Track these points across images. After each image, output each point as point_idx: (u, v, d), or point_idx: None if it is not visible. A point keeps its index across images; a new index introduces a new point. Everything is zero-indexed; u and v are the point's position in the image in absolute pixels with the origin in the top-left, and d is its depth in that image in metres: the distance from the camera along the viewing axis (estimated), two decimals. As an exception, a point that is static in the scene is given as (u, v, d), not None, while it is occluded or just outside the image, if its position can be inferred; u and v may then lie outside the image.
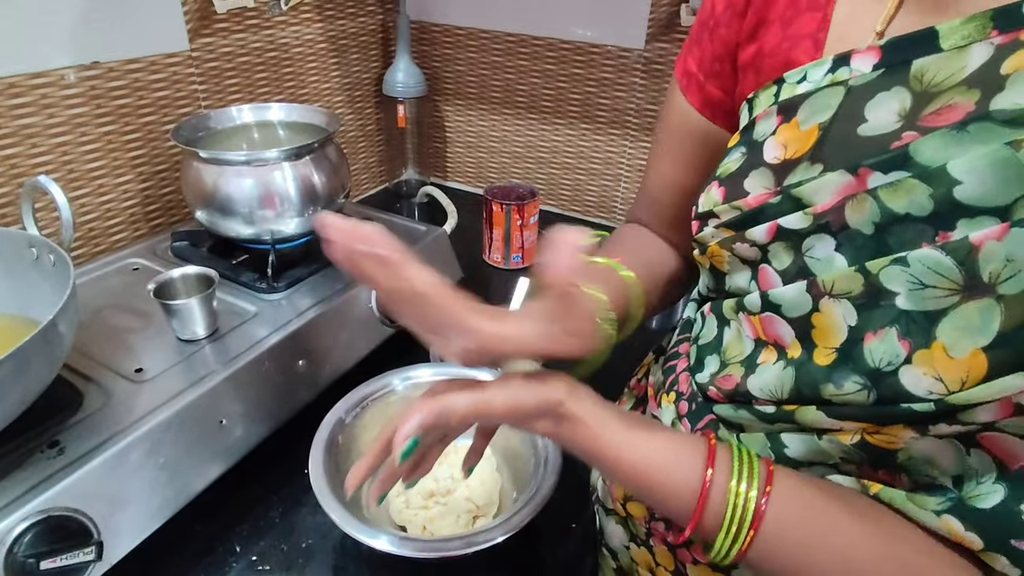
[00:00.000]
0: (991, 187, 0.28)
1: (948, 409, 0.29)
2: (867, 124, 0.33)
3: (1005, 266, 0.27)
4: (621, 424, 0.35)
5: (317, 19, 0.95)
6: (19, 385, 0.42)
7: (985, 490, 0.30)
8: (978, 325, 0.28)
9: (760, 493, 0.33)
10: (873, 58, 0.33)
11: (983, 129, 0.28)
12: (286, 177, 0.66)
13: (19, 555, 0.39)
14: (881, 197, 0.31)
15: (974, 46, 0.30)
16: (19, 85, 0.63)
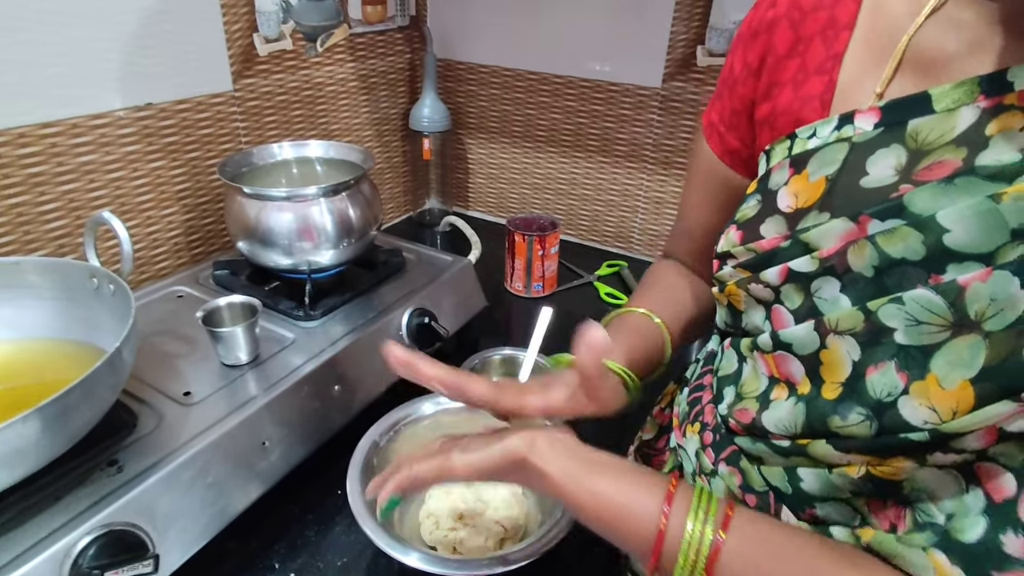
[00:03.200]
0: (976, 235, 0.31)
1: (942, 438, 0.31)
2: (868, 177, 0.36)
3: (989, 305, 0.30)
4: (583, 471, 0.39)
5: (350, 59, 1.00)
6: (87, 408, 0.45)
7: (969, 523, 0.32)
8: (966, 359, 0.31)
9: (715, 530, 0.35)
10: (874, 118, 0.36)
11: (969, 183, 0.31)
12: (323, 212, 0.70)
13: (84, 567, 0.42)
14: (879, 243, 0.34)
15: (963, 108, 0.33)
16: (81, 125, 0.68)
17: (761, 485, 0.42)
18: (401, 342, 0.72)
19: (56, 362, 0.55)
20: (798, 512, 0.40)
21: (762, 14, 0.44)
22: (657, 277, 0.58)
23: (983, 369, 0.30)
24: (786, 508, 0.41)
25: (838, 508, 0.38)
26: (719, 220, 0.51)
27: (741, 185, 0.49)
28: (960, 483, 0.33)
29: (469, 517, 0.55)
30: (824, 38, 0.41)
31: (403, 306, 0.73)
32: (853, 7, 0.40)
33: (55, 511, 0.44)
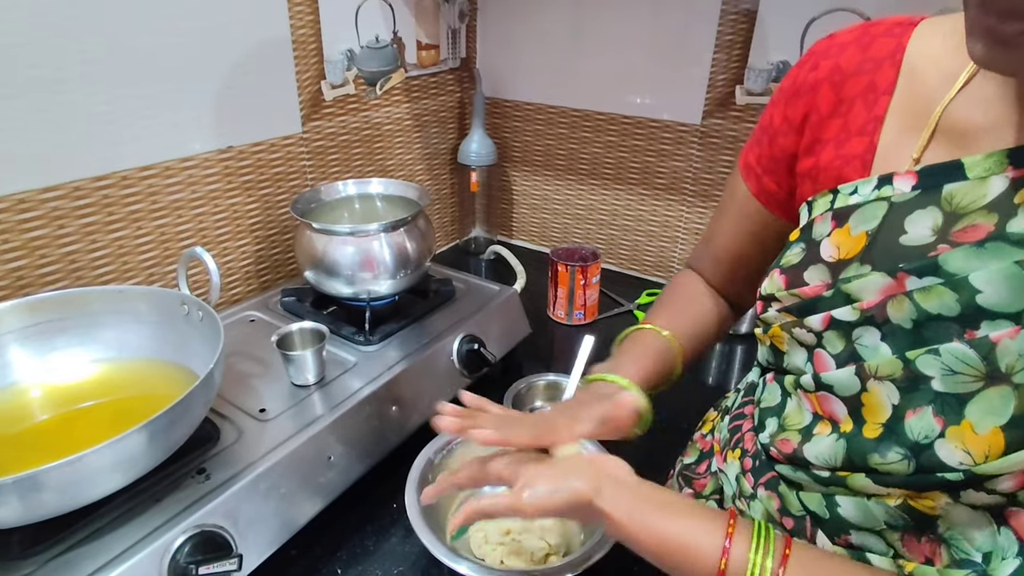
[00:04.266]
0: (1005, 296, 0.34)
1: (975, 478, 0.34)
2: (907, 235, 0.39)
3: (1018, 360, 0.33)
4: (646, 512, 0.42)
5: (405, 100, 1.08)
6: (184, 423, 0.52)
7: (1006, 566, 0.35)
8: (998, 408, 0.34)
9: (777, 563, 0.38)
10: (911, 180, 0.39)
11: (998, 248, 0.34)
12: (383, 245, 0.76)
13: (181, 562, 0.48)
14: (917, 299, 0.37)
15: (993, 177, 0.36)
16: (172, 167, 0.76)
17: (799, 510, 0.45)
18: (452, 366, 0.77)
19: (152, 379, 0.61)
20: (834, 538, 0.43)
21: (805, 74, 0.47)
22: (678, 290, 0.62)
23: (1013, 417, 0.33)
24: (822, 533, 0.43)
25: (872, 537, 0.41)
26: (746, 249, 0.56)
27: (771, 220, 0.53)
28: (992, 523, 0.36)
29: (516, 533, 0.59)
30: (865, 101, 0.44)
31: (454, 333, 0.78)
32: (892, 74, 0.43)
33: (155, 512, 0.51)
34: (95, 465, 0.44)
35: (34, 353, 0.60)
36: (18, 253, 0.65)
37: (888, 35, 0.44)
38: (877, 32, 0.45)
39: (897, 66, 0.43)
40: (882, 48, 0.44)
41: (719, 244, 0.59)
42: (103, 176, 0.70)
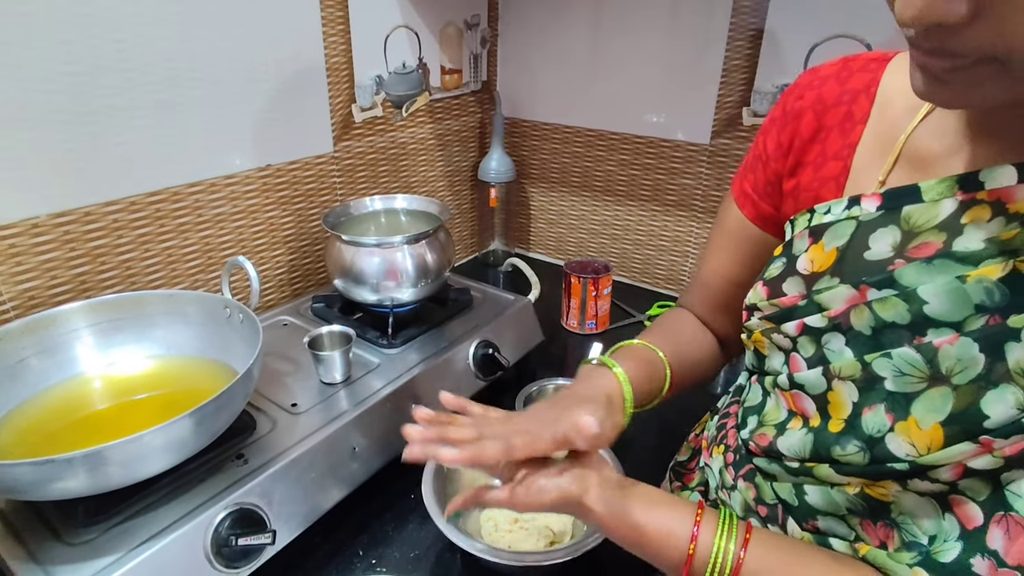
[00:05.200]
0: (947, 307, 0.38)
1: (920, 468, 0.38)
2: (870, 251, 0.43)
3: (956, 363, 0.37)
4: (625, 507, 0.46)
5: (429, 121, 1.15)
6: (225, 413, 0.58)
7: (948, 547, 0.38)
8: (939, 405, 0.38)
9: (739, 547, 0.43)
10: (876, 202, 0.44)
11: (944, 264, 0.39)
12: (406, 256, 0.82)
13: (222, 533, 0.54)
14: (875, 308, 0.41)
15: (945, 200, 0.40)
16: (217, 184, 0.84)
17: (772, 498, 0.49)
18: (468, 369, 0.82)
19: (197, 375, 0.68)
20: (802, 523, 0.47)
21: (792, 103, 0.52)
22: (668, 321, 0.65)
23: (950, 415, 0.37)
24: (792, 520, 0.48)
25: (836, 522, 0.45)
26: (737, 271, 0.59)
27: (763, 242, 0.57)
28: (937, 510, 0.40)
29: (523, 521, 0.64)
30: (842, 129, 0.48)
31: (470, 338, 0.84)
32: (866, 105, 0.47)
33: (200, 490, 0.57)
34: (151, 445, 0.51)
35: (96, 348, 0.67)
36: (82, 260, 0.72)
37: (864, 70, 0.49)
38: (855, 67, 0.49)
39: (871, 98, 0.47)
40: (859, 81, 0.48)
41: (710, 269, 0.62)
42: (156, 192, 0.77)
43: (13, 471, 0.46)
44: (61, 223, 0.70)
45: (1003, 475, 0.36)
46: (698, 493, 0.60)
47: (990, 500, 0.37)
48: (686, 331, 0.63)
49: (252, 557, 0.56)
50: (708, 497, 0.58)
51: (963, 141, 0.41)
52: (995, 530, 0.36)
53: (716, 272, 0.61)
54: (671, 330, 0.63)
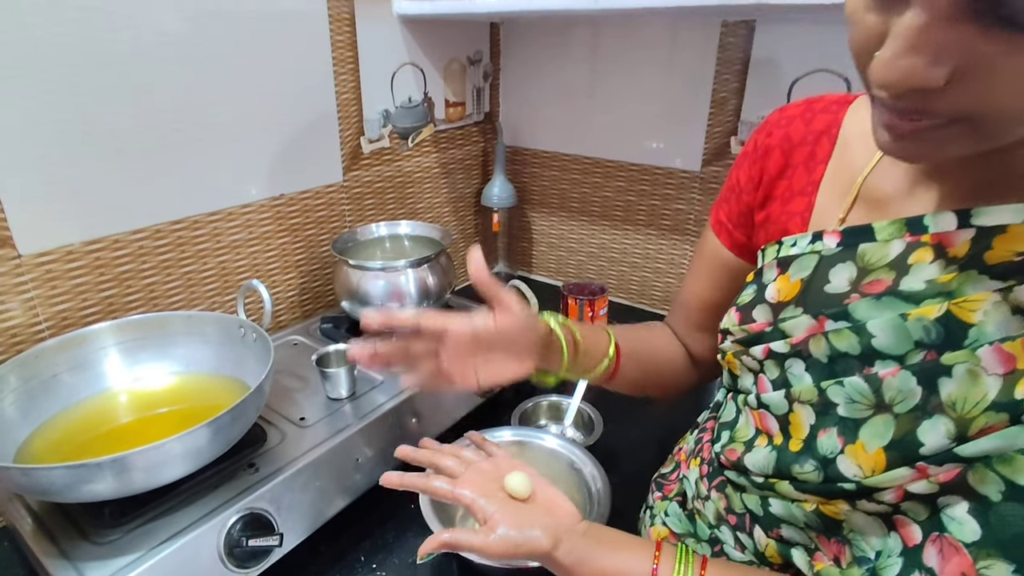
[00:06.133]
0: (892, 341, 0.41)
1: (865, 489, 0.41)
2: (830, 284, 0.45)
3: (897, 394, 0.40)
4: (589, 552, 0.49)
5: (434, 151, 1.21)
6: (238, 424, 0.63)
7: (891, 563, 0.41)
8: (882, 432, 0.41)
9: None
10: (836, 238, 0.47)
11: (891, 301, 0.42)
12: (409, 280, 0.87)
13: (234, 535, 0.59)
14: (831, 338, 0.44)
15: (895, 240, 0.43)
16: (234, 213, 0.90)
17: (741, 508, 0.53)
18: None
19: (214, 390, 0.73)
20: (768, 531, 0.50)
21: (763, 140, 0.56)
22: (641, 327, 0.70)
23: (892, 440, 0.40)
24: (759, 528, 0.51)
25: (797, 532, 0.48)
26: (713, 294, 0.63)
27: (738, 267, 0.61)
28: (883, 528, 0.42)
29: (514, 529, 0.68)
30: (807, 167, 0.52)
31: (469, 357, 0.88)
32: (828, 146, 0.51)
33: (214, 496, 0.62)
34: (171, 452, 0.56)
35: (123, 365, 0.73)
36: (110, 283, 0.79)
37: (826, 111, 0.53)
38: (818, 108, 0.53)
39: (833, 139, 0.51)
40: (821, 122, 0.52)
41: (690, 292, 0.66)
42: (179, 220, 0.84)
43: (50, 474, 0.52)
44: (92, 250, 0.76)
45: (939, 500, 0.39)
46: (676, 503, 0.63)
47: (928, 521, 0.39)
48: (655, 337, 0.68)
49: (261, 558, 0.61)
50: (686, 507, 0.62)
51: (912, 186, 0.44)
52: (930, 549, 0.39)
53: (695, 295, 0.66)
54: (639, 330, 0.68)
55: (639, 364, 0.64)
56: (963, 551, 0.37)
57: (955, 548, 0.37)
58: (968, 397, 0.37)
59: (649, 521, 0.67)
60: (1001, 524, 0.36)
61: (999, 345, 0.36)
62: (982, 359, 0.37)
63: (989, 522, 0.36)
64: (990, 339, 0.37)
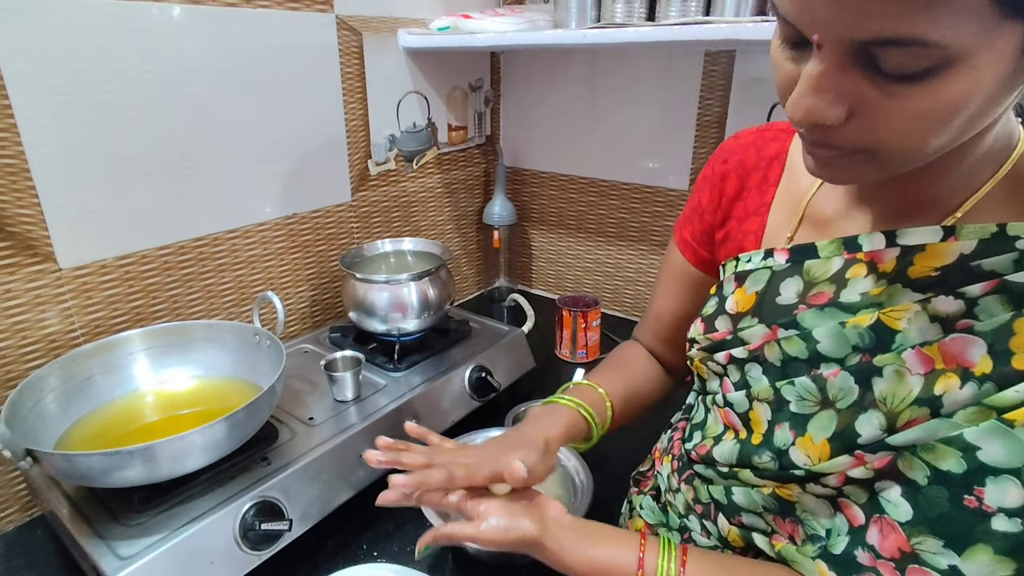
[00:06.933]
0: (833, 346, 0.46)
1: (813, 475, 0.47)
2: (781, 296, 0.51)
3: (839, 392, 0.45)
4: (577, 543, 0.52)
5: (437, 172, 1.29)
6: (253, 421, 0.69)
7: (840, 541, 0.46)
8: (827, 425, 0.46)
9: (678, 565, 0.50)
10: (785, 255, 0.52)
11: (833, 311, 0.47)
12: (411, 292, 0.94)
13: (248, 520, 0.65)
14: (782, 345, 0.50)
15: (835, 257, 0.48)
16: (251, 230, 0.98)
17: (707, 498, 0.58)
18: (464, 391, 0.93)
19: (231, 393, 0.80)
20: (730, 519, 0.56)
21: (720, 165, 0.61)
22: (618, 356, 0.74)
23: (834, 433, 0.45)
24: (722, 516, 0.56)
25: (756, 518, 0.53)
26: (683, 307, 0.69)
27: (703, 281, 0.66)
28: (831, 509, 0.48)
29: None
30: (759, 190, 0.58)
31: (467, 364, 0.95)
32: (778, 170, 0.57)
33: (230, 485, 0.68)
34: (193, 443, 0.62)
35: (150, 368, 0.80)
36: (138, 295, 0.86)
37: (776, 139, 0.59)
38: (768, 136, 0.59)
39: (783, 164, 0.57)
40: (772, 149, 0.58)
41: (660, 306, 0.71)
42: (200, 237, 0.91)
43: (88, 460, 0.59)
44: (123, 264, 0.84)
45: (876, 484, 0.44)
46: (650, 497, 0.69)
47: (869, 504, 0.45)
48: (635, 366, 0.73)
49: (272, 541, 0.67)
50: (659, 500, 0.67)
51: (849, 208, 0.50)
52: (872, 528, 0.44)
53: (665, 308, 0.71)
54: (621, 367, 0.72)
55: (631, 404, 0.69)
56: (899, 529, 0.42)
57: (892, 527, 0.43)
58: (896, 394, 0.42)
59: (628, 514, 0.72)
60: (929, 505, 0.41)
61: (920, 349, 0.42)
62: (906, 361, 0.42)
63: (919, 503, 0.41)
64: (912, 343, 0.42)
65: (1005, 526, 0.37)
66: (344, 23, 1.02)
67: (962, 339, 0.40)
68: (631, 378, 0.71)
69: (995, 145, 0.42)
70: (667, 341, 0.72)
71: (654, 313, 0.73)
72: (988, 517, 0.38)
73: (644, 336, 0.75)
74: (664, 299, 0.71)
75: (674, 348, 0.71)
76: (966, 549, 0.39)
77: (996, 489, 0.38)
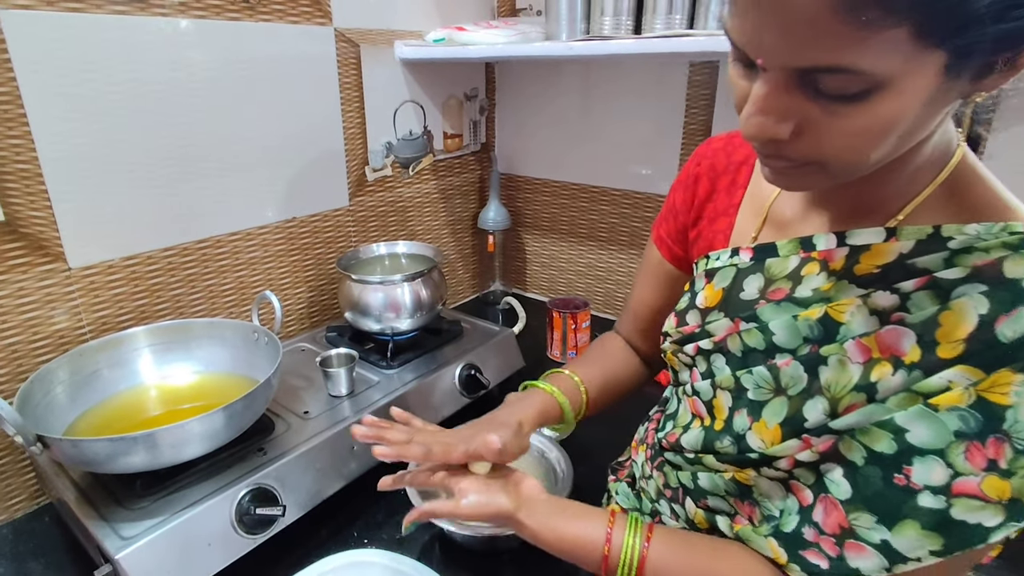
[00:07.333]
0: (787, 338, 0.50)
1: (766, 458, 0.50)
2: (744, 292, 0.55)
3: (790, 380, 0.49)
4: (551, 519, 0.55)
5: (433, 179, 1.33)
6: (250, 412, 0.73)
7: (790, 520, 0.49)
8: (779, 411, 0.49)
9: (643, 541, 0.53)
10: (750, 254, 0.55)
11: (788, 306, 0.51)
12: (404, 292, 0.98)
13: (244, 505, 0.69)
14: (743, 337, 0.53)
15: (792, 256, 0.52)
16: (252, 233, 1.02)
17: (675, 483, 0.62)
18: (454, 388, 0.97)
19: (230, 387, 0.84)
20: (696, 502, 0.59)
21: (694, 168, 0.65)
22: (598, 347, 0.78)
23: (785, 418, 0.49)
24: (689, 500, 0.60)
25: (720, 501, 0.57)
26: (658, 301, 0.73)
27: (677, 276, 0.70)
28: (783, 491, 0.51)
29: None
30: (728, 192, 0.62)
31: (457, 361, 0.98)
32: (747, 173, 0.61)
33: (228, 473, 0.72)
34: (193, 431, 0.66)
35: (154, 364, 0.84)
36: (143, 294, 0.90)
37: (744, 145, 0.62)
38: (738, 142, 0.63)
39: (751, 168, 0.61)
40: (741, 154, 0.62)
41: (637, 299, 0.75)
42: (203, 239, 0.96)
43: (94, 446, 0.62)
44: (129, 265, 0.88)
45: (821, 466, 0.47)
46: (626, 484, 0.72)
47: (816, 485, 0.48)
48: (613, 357, 0.76)
49: (267, 526, 0.71)
50: (634, 487, 0.71)
51: (806, 211, 0.54)
52: (818, 507, 0.47)
53: (642, 302, 0.75)
54: (600, 357, 0.76)
55: (607, 391, 0.73)
56: (839, 507, 0.46)
57: (834, 505, 0.46)
58: (838, 381, 0.46)
59: (607, 502, 0.76)
60: (865, 483, 0.44)
61: (860, 340, 0.45)
62: (848, 351, 0.46)
63: (856, 483, 0.45)
64: (854, 335, 0.46)
65: (930, 502, 0.41)
66: (342, 35, 1.07)
67: (895, 330, 0.43)
68: (608, 367, 0.75)
69: (933, 154, 0.46)
70: (644, 333, 0.76)
71: (632, 306, 0.77)
72: (915, 494, 0.41)
73: (623, 328, 0.79)
74: (641, 293, 0.75)
75: (650, 340, 0.75)
76: (896, 524, 0.42)
77: (922, 468, 0.41)
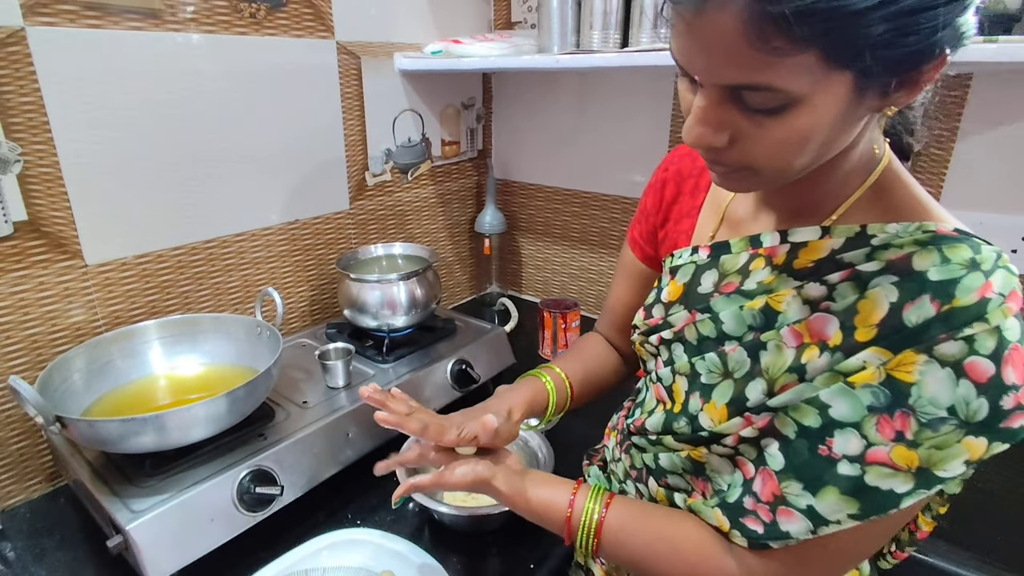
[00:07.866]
0: (734, 327, 0.55)
1: (715, 436, 0.55)
2: (701, 286, 0.60)
3: (736, 364, 0.54)
4: (523, 486, 0.61)
5: (431, 184, 1.39)
6: (251, 399, 0.79)
7: (734, 491, 0.54)
8: (725, 393, 0.54)
9: (602, 507, 0.58)
10: (707, 251, 0.61)
11: (737, 298, 0.56)
12: (400, 291, 1.03)
13: (244, 484, 0.74)
14: (698, 327, 0.58)
15: (743, 253, 0.57)
16: (256, 234, 1.08)
17: (640, 464, 0.66)
18: (447, 381, 1.02)
19: (233, 377, 0.89)
20: (658, 480, 0.64)
21: (662, 173, 0.71)
22: (580, 345, 0.83)
23: (731, 399, 0.54)
24: (652, 479, 0.65)
25: (678, 479, 0.62)
26: (634, 299, 0.77)
27: (649, 275, 0.75)
28: (731, 467, 0.56)
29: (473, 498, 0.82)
30: (692, 195, 0.67)
31: (449, 357, 1.03)
32: (709, 179, 0.66)
33: (231, 455, 0.77)
34: (198, 414, 0.72)
35: (163, 355, 0.90)
36: (153, 290, 0.96)
37: None
38: None
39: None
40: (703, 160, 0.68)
41: (614, 298, 0.80)
42: (211, 239, 1.02)
43: (108, 426, 0.68)
44: (141, 262, 0.94)
45: (761, 441, 0.52)
46: (597, 467, 0.77)
47: (757, 459, 0.53)
48: (594, 354, 0.81)
49: (266, 505, 0.76)
50: (606, 470, 0.76)
51: (756, 211, 0.59)
52: (758, 478, 0.52)
53: (619, 300, 0.80)
54: (581, 354, 0.81)
55: (590, 386, 0.77)
56: (774, 477, 0.51)
57: (770, 475, 0.51)
58: (775, 364, 0.51)
59: (583, 485, 0.80)
60: (795, 455, 0.49)
61: (793, 326, 0.50)
62: (783, 336, 0.51)
63: (788, 454, 0.50)
64: (789, 322, 0.51)
65: (848, 470, 0.46)
66: (344, 48, 1.13)
67: (823, 317, 0.48)
68: (589, 363, 0.79)
69: (861, 160, 0.51)
70: (620, 330, 0.80)
71: (610, 305, 0.82)
72: (835, 463, 0.46)
73: (602, 327, 0.84)
74: (618, 292, 0.80)
75: (626, 336, 0.79)
76: (819, 490, 0.47)
77: (842, 439, 0.46)
